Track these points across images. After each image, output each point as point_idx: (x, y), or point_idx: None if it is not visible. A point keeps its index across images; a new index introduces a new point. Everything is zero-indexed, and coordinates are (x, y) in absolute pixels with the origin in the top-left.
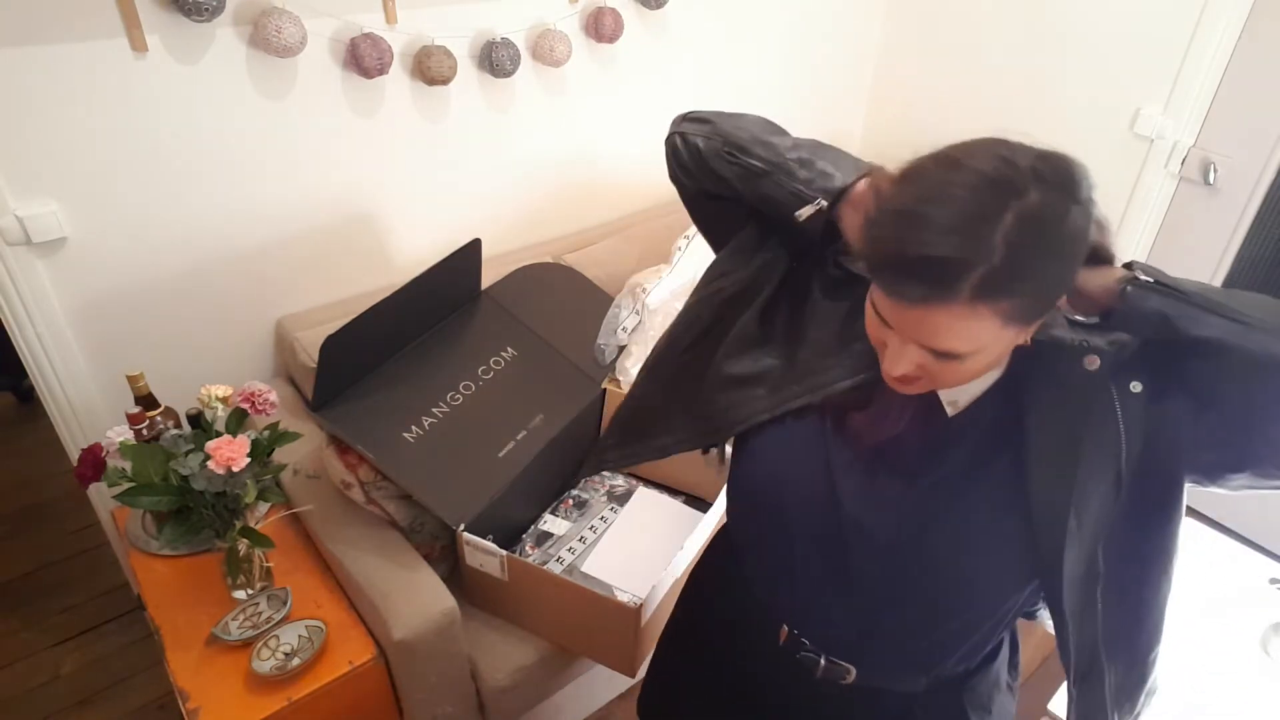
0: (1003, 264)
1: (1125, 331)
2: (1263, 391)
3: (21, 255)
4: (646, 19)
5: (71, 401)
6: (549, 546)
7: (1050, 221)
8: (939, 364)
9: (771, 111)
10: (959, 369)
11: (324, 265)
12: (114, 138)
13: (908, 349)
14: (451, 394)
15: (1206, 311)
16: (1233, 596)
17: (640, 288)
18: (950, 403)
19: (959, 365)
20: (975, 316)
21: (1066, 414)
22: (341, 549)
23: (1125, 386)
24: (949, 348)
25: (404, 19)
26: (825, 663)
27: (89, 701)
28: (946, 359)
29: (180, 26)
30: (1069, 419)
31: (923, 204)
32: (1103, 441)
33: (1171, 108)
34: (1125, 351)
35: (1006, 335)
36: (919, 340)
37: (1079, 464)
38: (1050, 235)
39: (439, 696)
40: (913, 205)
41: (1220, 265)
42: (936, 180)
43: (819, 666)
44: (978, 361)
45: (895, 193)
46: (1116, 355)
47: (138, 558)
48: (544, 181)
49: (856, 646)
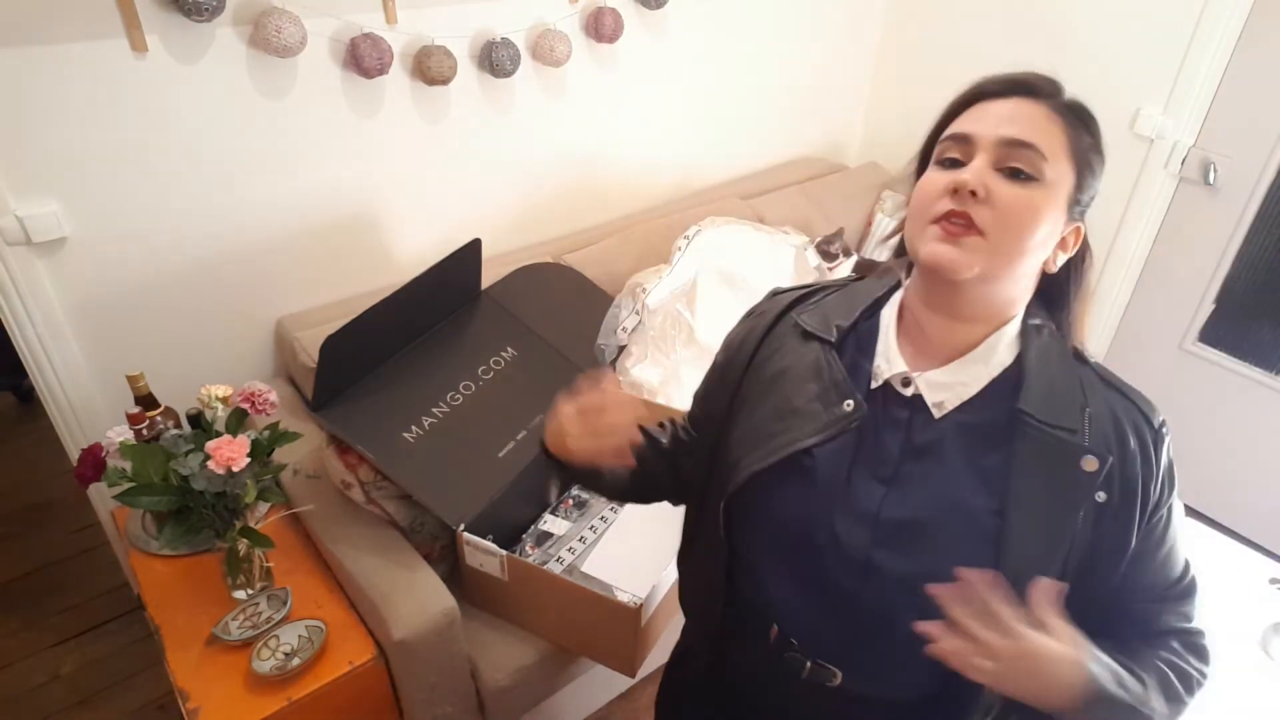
0: (1074, 104)
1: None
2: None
3: (21, 255)
4: (646, 19)
5: (71, 401)
6: (549, 546)
7: (1094, 118)
8: (1009, 187)
9: (771, 111)
10: (1024, 200)
11: (324, 265)
12: (114, 138)
13: (983, 163)
14: (451, 394)
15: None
16: (1233, 596)
17: (640, 288)
18: (936, 404)
19: (1027, 193)
20: (1053, 124)
21: (1047, 495)
22: (341, 549)
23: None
24: (1029, 137)
25: (404, 19)
26: (812, 665)
27: (89, 701)
28: (1018, 175)
29: (180, 26)
30: (1048, 498)
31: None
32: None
33: (1171, 108)
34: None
35: (1064, 183)
36: (1002, 132)
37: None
38: (1096, 125)
39: (439, 696)
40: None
41: (1220, 265)
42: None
43: (805, 668)
44: (1037, 198)
45: None
46: (1108, 468)
47: (138, 558)
48: (544, 181)
49: (841, 652)
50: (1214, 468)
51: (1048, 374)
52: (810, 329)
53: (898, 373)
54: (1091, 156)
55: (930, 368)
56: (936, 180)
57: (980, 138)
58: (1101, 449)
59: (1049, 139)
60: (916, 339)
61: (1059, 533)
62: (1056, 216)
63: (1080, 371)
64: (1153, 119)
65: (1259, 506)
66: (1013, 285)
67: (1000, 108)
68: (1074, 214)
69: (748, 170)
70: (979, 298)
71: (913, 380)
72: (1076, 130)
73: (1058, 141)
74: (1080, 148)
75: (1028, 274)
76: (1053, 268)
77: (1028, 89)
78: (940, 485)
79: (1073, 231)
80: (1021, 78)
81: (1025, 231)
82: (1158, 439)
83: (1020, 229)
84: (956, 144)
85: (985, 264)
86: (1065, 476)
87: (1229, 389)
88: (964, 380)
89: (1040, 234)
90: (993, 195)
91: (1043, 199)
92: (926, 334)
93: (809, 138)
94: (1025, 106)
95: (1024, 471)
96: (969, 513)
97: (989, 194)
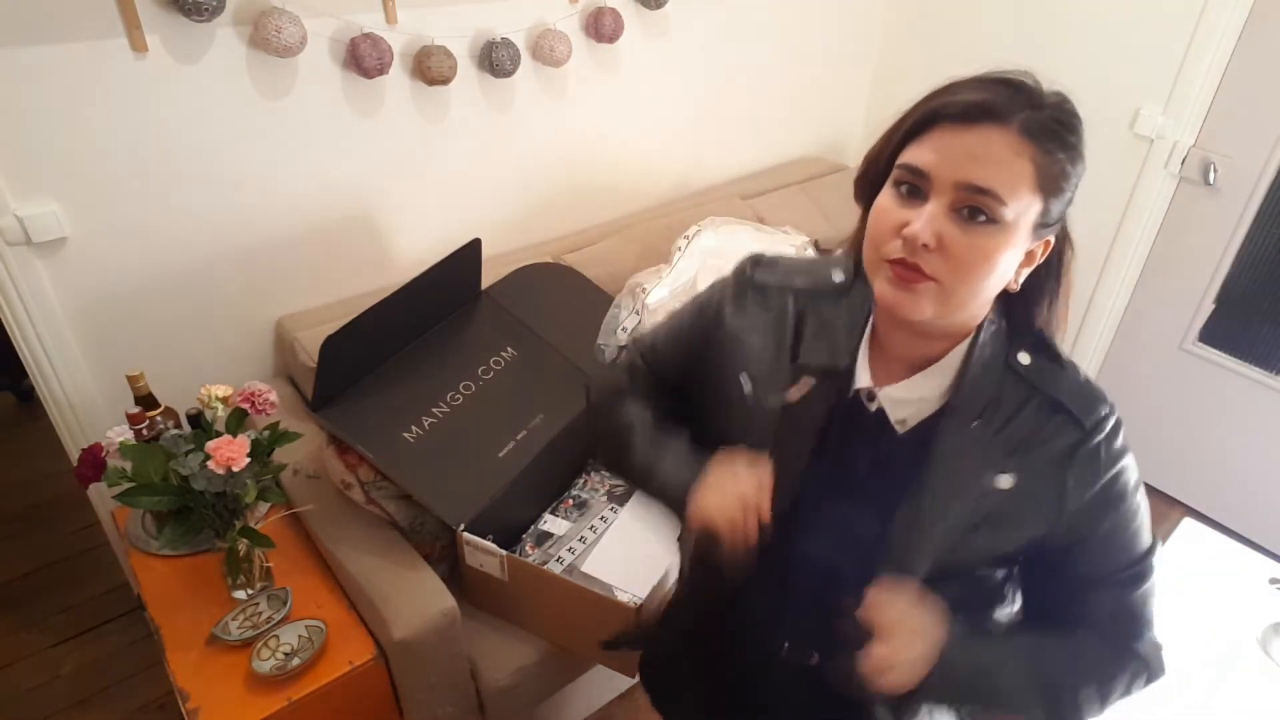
0: (1046, 117)
1: None
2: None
3: (21, 255)
4: (646, 19)
5: (71, 401)
6: (549, 546)
7: (1074, 114)
8: (963, 235)
9: (772, 111)
10: (978, 248)
11: (324, 265)
12: (114, 138)
13: (937, 208)
14: (451, 394)
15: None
16: (1233, 596)
17: (640, 288)
18: (899, 421)
19: (982, 241)
20: (1019, 156)
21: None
22: (341, 549)
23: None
24: (988, 182)
25: (404, 19)
26: (790, 644)
27: (89, 701)
28: (976, 215)
29: (180, 26)
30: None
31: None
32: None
33: (1171, 108)
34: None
35: (1028, 215)
36: (960, 175)
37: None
38: (1076, 123)
39: (439, 696)
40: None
41: (1220, 265)
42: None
43: (784, 647)
44: (993, 243)
45: None
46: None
47: (138, 558)
48: (544, 181)
49: (815, 638)
50: (1214, 468)
51: (981, 380)
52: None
53: (863, 387)
54: (1065, 171)
55: (894, 378)
56: (890, 214)
57: (937, 179)
58: (1007, 461)
59: (1011, 177)
60: (882, 348)
61: (955, 527)
62: (1017, 250)
63: (1005, 378)
64: (1153, 119)
65: (1259, 506)
66: (974, 311)
67: (961, 142)
68: (1040, 234)
69: (748, 170)
70: (937, 324)
71: (876, 396)
72: (1047, 151)
73: (1022, 176)
74: (1050, 173)
75: (988, 299)
76: (1014, 287)
77: (991, 113)
78: (905, 483)
79: (1041, 245)
80: (982, 100)
81: (979, 276)
82: (1090, 435)
83: (974, 275)
84: (913, 174)
85: (937, 308)
86: (973, 483)
87: (1229, 389)
88: (924, 395)
89: (998, 272)
90: (945, 244)
91: (1000, 242)
92: (888, 348)
93: (809, 137)
94: (987, 139)
95: (941, 465)
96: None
97: (941, 243)
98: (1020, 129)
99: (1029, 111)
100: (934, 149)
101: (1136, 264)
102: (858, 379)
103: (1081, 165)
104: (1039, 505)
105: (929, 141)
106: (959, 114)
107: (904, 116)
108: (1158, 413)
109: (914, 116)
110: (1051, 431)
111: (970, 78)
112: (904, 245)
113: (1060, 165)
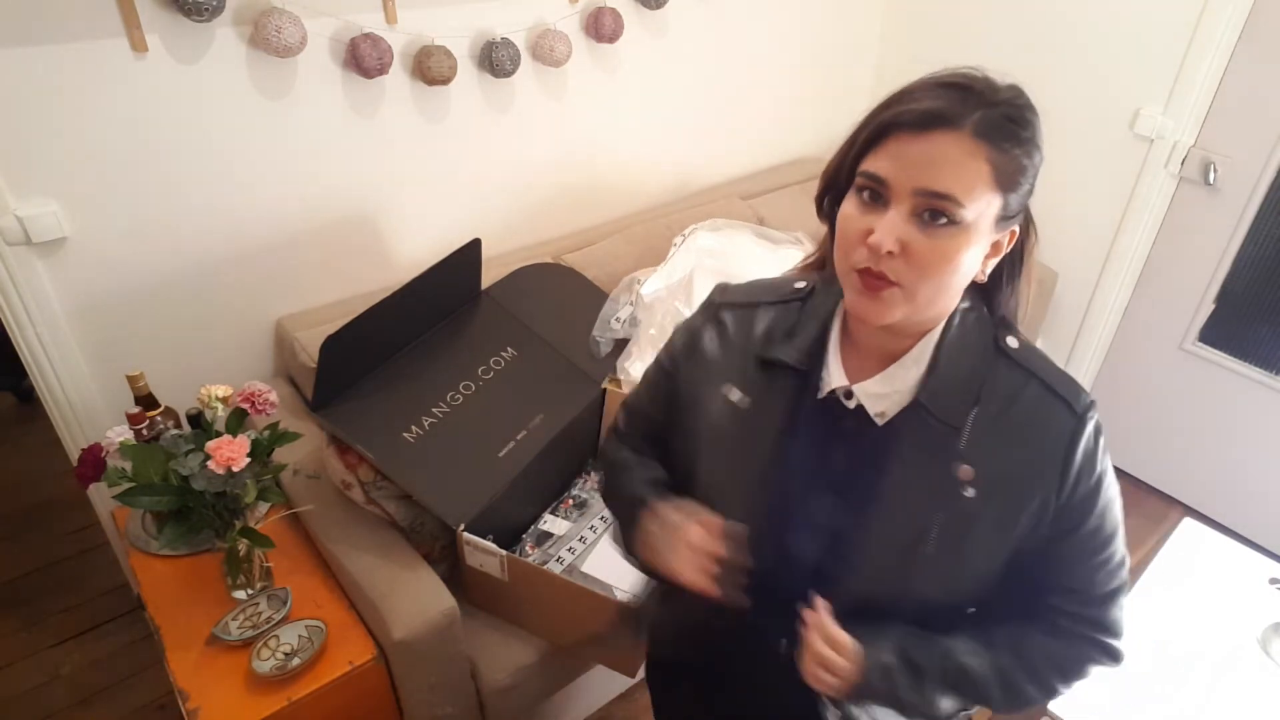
0: (997, 116)
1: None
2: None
3: (21, 255)
4: (646, 19)
5: (71, 401)
6: (549, 546)
7: (1027, 107)
8: (925, 239)
9: (772, 111)
10: (940, 250)
11: (324, 265)
12: (114, 138)
13: (897, 215)
14: (451, 394)
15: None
16: (1233, 596)
17: (635, 280)
18: (878, 414)
19: (943, 243)
20: (974, 158)
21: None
22: (341, 549)
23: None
24: (944, 186)
25: (404, 19)
26: (787, 641)
27: (89, 701)
28: (937, 218)
29: (180, 26)
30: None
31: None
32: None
33: (1171, 108)
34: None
35: (988, 212)
36: (917, 183)
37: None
38: (1030, 116)
39: (439, 697)
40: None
41: (1220, 265)
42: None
43: (782, 644)
44: (954, 244)
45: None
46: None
47: (138, 558)
48: (544, 181)
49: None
50: (1214, 468)
51: (955, 367)
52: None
53: (839, 385)
54: (1021, 165)
55: (869, 373)
56: (856, 220)
57: (896, 187)
58: (976, 455)
59: (968, 178)
60: (855, 345)
61: (924, 522)
62: (980, 246)
63: (996, 362)
64: (1153, 119)
65: (1259, 506)
66: (942, 306)
67: (916, 150)
68: (1003, 226)
69: (748, 170)
70: (907, 321)
71: (854, 393)
72: (1002, 149)
73: (979, 176)
74: (1006, 170)
75: (956, 293)
76: (982, 278)
77: (943, 119)
78: (888, 477)
79: (1006, 235)
80: (933, 108)
81: (942, 276)
82: (1079, 426)
83: (937, 276)
84: (874, 180)
85: (905, 311)
86: (939, 472)
87: (1229, 389)
88: (898, 387)
89: (961, 271)
90: (908, 249)
91: (961, 242)
92: (860, 344)
93: (809, 138)
94: (942, 144)
95: (905, 461)
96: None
97: (904, 248)
98: (974, 131)
99: (981, 111)
100: (891, 158)
101: (1136, 264)
102: (833, 379)
103: (1039, 155)
104: (1021, 500)
105: (885, 151)
106: (913, 123)
107: (859, 128)
108: (1158, 413)
109: (869, 127)
110: (1047, 416)
111: (922, 82)
112: (868, 254)
113: (1016, 160)
